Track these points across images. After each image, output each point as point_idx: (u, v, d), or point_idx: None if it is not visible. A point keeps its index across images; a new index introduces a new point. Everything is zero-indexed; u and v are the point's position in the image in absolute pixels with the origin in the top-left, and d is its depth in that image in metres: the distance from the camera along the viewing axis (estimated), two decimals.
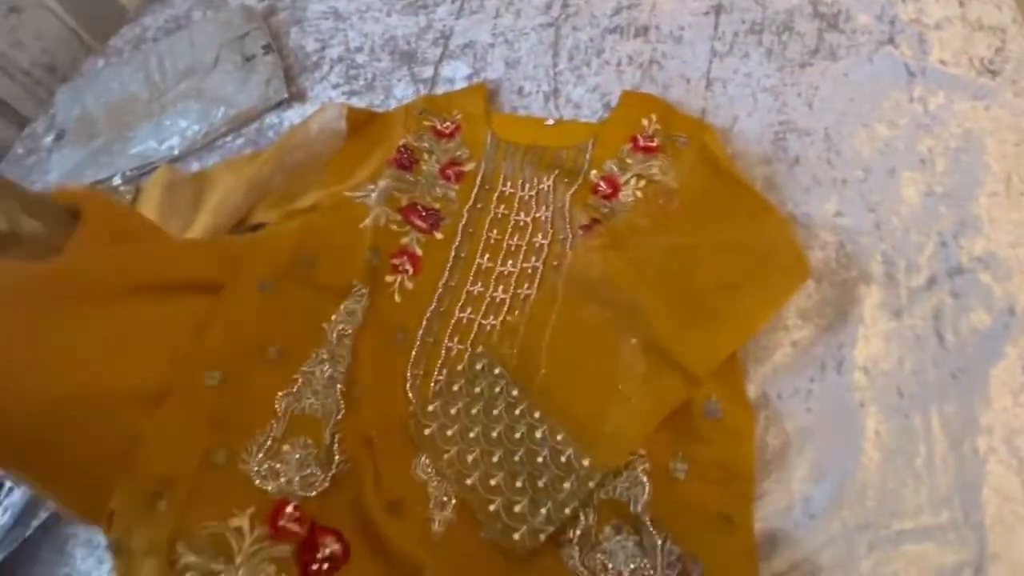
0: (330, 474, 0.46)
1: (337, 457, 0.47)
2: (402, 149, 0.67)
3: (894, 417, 0.44)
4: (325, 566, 0.44)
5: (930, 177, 0.56)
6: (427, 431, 0.49)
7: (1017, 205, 0.53)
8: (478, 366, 0.51)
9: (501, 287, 0.57)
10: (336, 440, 0.47)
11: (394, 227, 0.61)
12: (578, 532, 0.43)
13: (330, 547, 0.44)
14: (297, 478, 0.45)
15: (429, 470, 0.48)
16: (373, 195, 0.62)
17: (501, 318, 0.55)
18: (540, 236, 0.59)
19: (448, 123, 0.70)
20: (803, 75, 0.64)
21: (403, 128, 0.69)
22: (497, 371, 0.50)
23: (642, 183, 0.60)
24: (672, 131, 0.63)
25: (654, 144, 0.62)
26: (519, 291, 0.57)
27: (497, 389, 0.49)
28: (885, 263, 0.51)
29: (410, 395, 0.52)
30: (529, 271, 0.57)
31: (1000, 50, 0.63)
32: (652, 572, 0.41)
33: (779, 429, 0.46)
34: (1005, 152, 0.56)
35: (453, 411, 0.49)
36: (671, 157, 0.61)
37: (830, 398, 0.46)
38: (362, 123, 0.70)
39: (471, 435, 0.48)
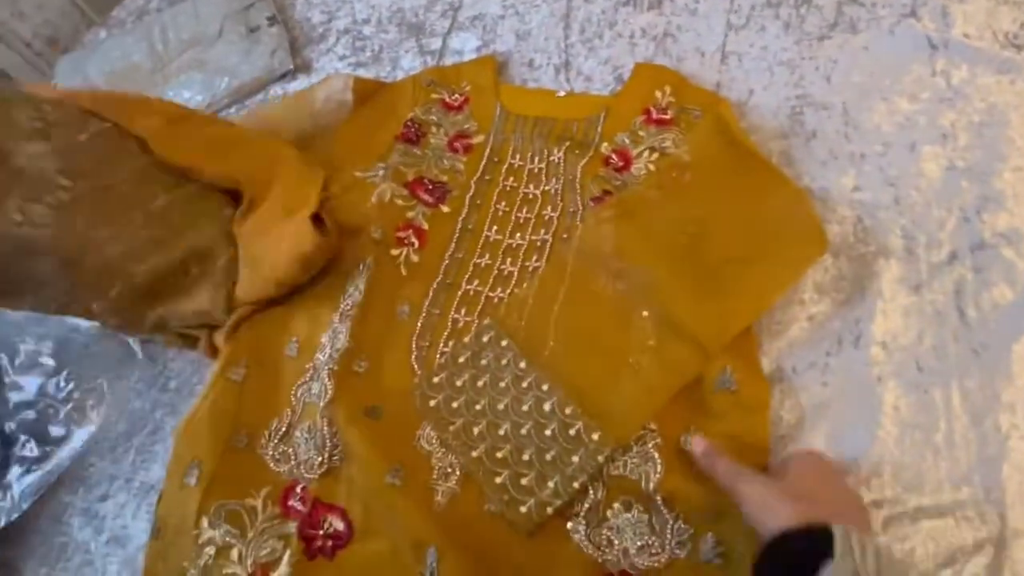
0: (325, 456, 0.47)
1: (328, 442, 0.47)
2: (409, 124, 0.66)
3: (913, 392, 0.43)
4: (329, 543, 0.45)
5: (952, 152, 0.54)
6: (432, 403, 0.48)
7: None
8: (484, 338, 0.50)
9: (509, 259, 0.56)
10: (325, 423, 0.48)
11: (399, 201, 0.60)
12: (586, 506, 0.43)
13: (334, 524, 0.45)
14: (303, 461, 0.47)
15: (434, 441, 0.47)
16: (381, 172, 0.62)
17: (509, 290, 0.54)
18: (549, 209, 0.58)
19: (457, 95, 0.68)
20: (821, 48, 0.63)
21: (411, 100, 0.68)
22: (504, 343, 0.49)
23: (654, 156, 0.59)
24: (686, 103, 0.61)
25: (667, 117, 0.61)
26: (527, 264, 0.55)
27: (504, 361, 0.48)
28: (904, 238, 0.50)
29: (415, 366, 0.51)
30: (538, 244, 0.56)
31: None
32: (660, 551, 0.41)
33: (794, 403, 0.44)
34: None
35: (459, 383, 0.48)
36: (685, 130, 0.59)
37: (847, 372, 0.45)
38: (369, 94, 0.69)
39: (477, 407, 0.47)
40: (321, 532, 0.45)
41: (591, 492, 0.43)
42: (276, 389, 0.51)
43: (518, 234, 0.57)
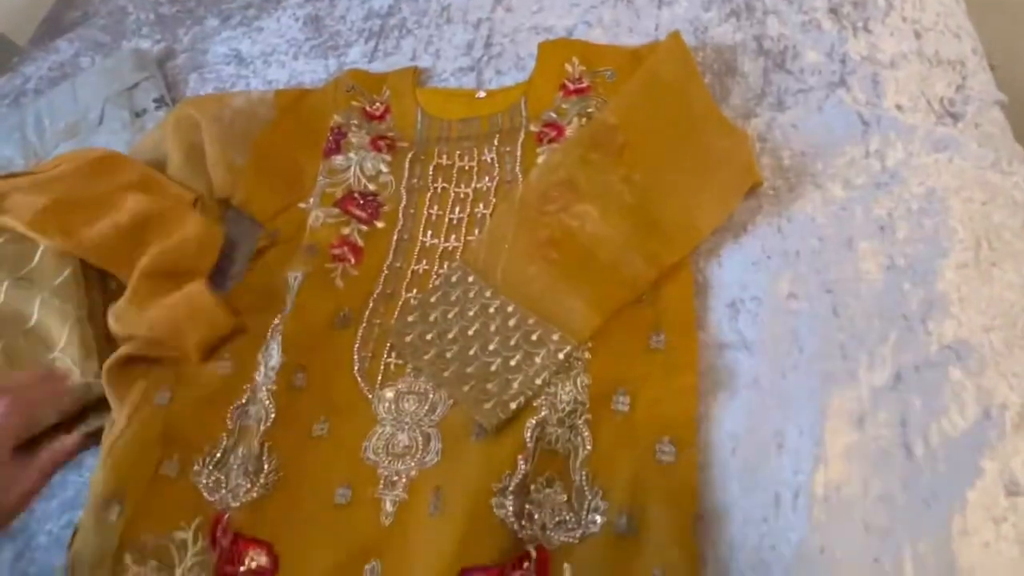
0: (258, 483, 0.45)
1: (267, 466, 0.46)
2: (331, 131, 0.64)
3: (862, 561, 0.38)
4: None
5: (891, 246, 0.49)
6: (408, 338, 0.50)
7: (988, 278, 0.47)
8: (453, 278, 0.52)
9: (447, 264, 0.55)
10: (265, 449, 0.46)
11: (331, 220, 0.59)
12: (515, 481, 0.42)
13: (256, 559, 0.43)
14: (232, 488, 0.46)
15: (380, 451, 0.47)
16: (312, 200, 0.61)
17: None
18: (481, 206, 0.58)
19: (378, 104, 0.67)
20: (747, 127, 0.57)
21: (332, 107, 0.66)
22: (471, 279, 0.51)
23: (583, 121, 0.60)
24: (596, 67, 0.62)
25: (584, 85, 0.62)
26: None
27: (472, 294, 0.51)
28: (845, 359, 0.45)
29: (358, 378, 0.50)
30: (473, 244, 0.55)
31: (961, 87, 0.57)
32: (576, 526, 0.41)
33: None
34: (972, 213, 0.49)
35: (431, 318, 0.51)
36: (603, 94, 0.61)
37: (786, 542, 0.39)
38: (292, 104, 0.67)
39: (449, 336, 0.49)
40: (243, 568, 0.43)
41: (521, 464, 0.42)
42: (208, 411, 0.49)
43: (452, 236, 0.57)
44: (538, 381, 0.45)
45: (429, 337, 0.50)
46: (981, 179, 0.51)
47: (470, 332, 0.49)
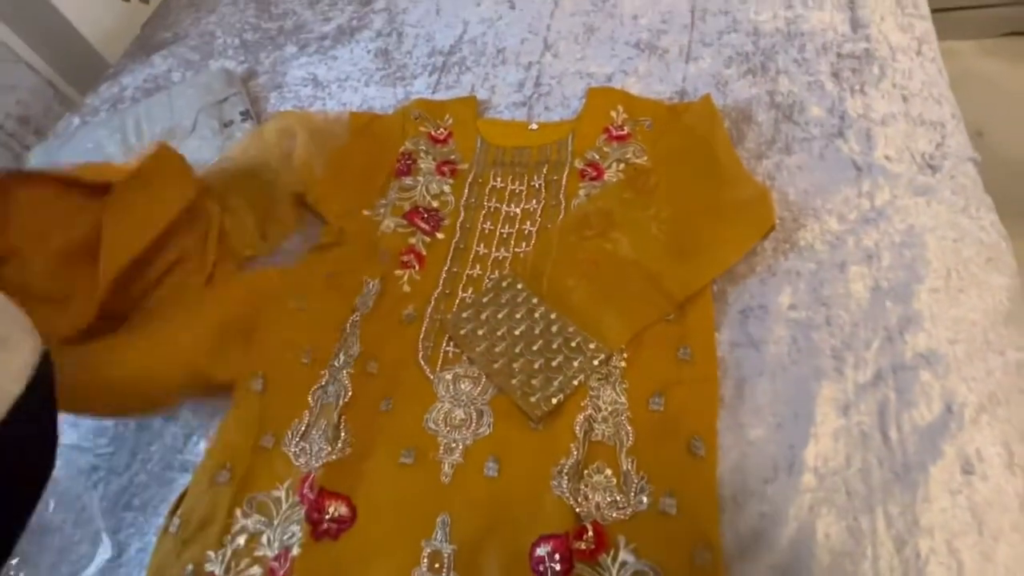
0: (336, 448, 0.54)
1: (343, 434, 0.55)
2: (401, 156, 0.76)
3: (843, 519, 0.47)
4: (334, 526, 0.51)
5: (876, 272, 0.59)
6: (462, 331, 0.59)
7: (955, 302, 0.56)
8: (504, 283, 0.62)
9: (497, 271, 0.65)
10: (343, 421, 0.56)
11: (400, 230, 0.70)
12: (568, 464, 0.50)
13: (338, 509, 0.52)
14: (315, 452, 0.55)
15: (440, 422, 0.55)
16: (382, 210, 0.72)
17: None
18: (528, 224, 0.68)
19: (441, 129, 0.78)
20: (759, 166, 0.68)
21: (401, 133, 0.78)
22: (520, 286, 0.61)
23: (621, 166, 0.70)
24: (637, 116, 0.73)
25: (625, 132, 0.73)
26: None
27: (520, 299, 0.60)
28: (835, 359, 0.54)
29: (422, 364, 0.60)
30: (520, 255, 0.66)
31: (940, 145, 0.67)
32: (626, 505, 0.49)
33: (734, 534, 0.47)
34: (944, 248, 0.59)
35: (483, 316, 0.60)
36: (641, 141, 0.72)
37: (783, 501, 0.48)
38: (364, 126, 0.79)
39: (499, 333, 0.58)
40: (327, 516, 0.51)
41: (574, 451, 0.51)
42: (294, 394, 0.59)
43: (502, 248, 0.67)
44: (575, 382, 0.54)
45: (481, 332, 0.59)
46: (953, 221, 0.61)
47: (517, 332, 0.58)
